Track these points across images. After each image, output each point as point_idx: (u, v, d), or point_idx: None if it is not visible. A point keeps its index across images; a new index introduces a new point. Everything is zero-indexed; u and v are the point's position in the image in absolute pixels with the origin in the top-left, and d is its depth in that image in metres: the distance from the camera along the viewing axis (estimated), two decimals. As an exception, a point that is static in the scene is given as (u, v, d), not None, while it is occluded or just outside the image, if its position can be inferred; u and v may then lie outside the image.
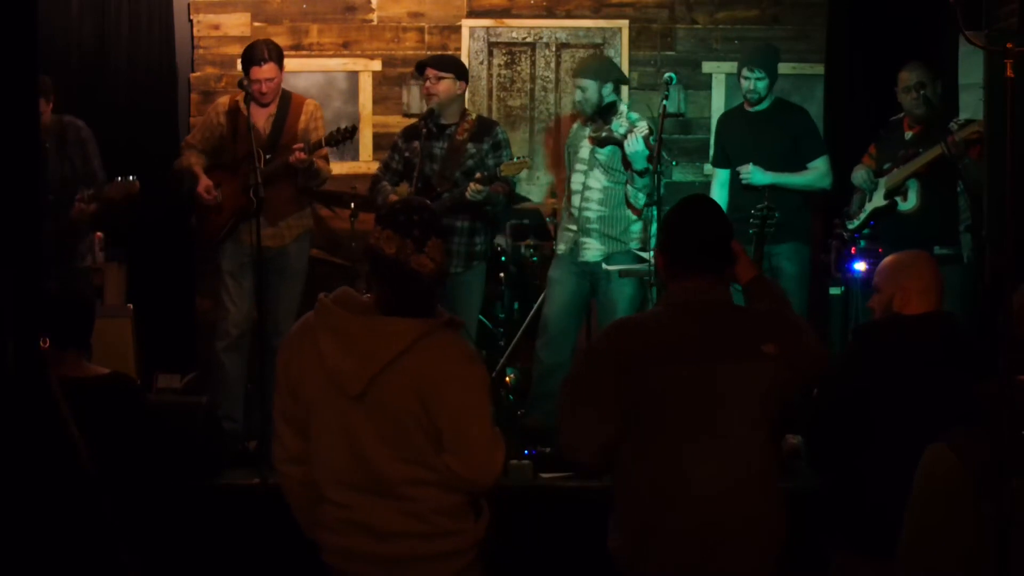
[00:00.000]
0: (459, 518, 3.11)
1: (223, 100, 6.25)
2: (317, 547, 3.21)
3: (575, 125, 6.48)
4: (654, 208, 6.02)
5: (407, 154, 6.26)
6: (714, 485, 3.13)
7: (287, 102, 6.09)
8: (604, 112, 6.09)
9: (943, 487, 2.84)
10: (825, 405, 3.68)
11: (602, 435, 3.18)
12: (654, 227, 6.19)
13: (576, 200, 6.16)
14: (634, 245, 6.11)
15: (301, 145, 5.91)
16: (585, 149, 6.19)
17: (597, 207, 6.11)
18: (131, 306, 6.81)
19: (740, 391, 3.16)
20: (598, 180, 6.11)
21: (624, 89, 6.72)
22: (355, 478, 3.07)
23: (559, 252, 6.22)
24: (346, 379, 3.03)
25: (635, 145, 5.84)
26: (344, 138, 6.03)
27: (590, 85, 6.08)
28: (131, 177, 6.06)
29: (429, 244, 3.08)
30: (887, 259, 3.92)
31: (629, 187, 6.05)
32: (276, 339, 6.01)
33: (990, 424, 2.79)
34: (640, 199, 6.04)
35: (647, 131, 5.91)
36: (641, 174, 5.94)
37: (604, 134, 6.06)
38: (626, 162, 5.98)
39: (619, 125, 6.03)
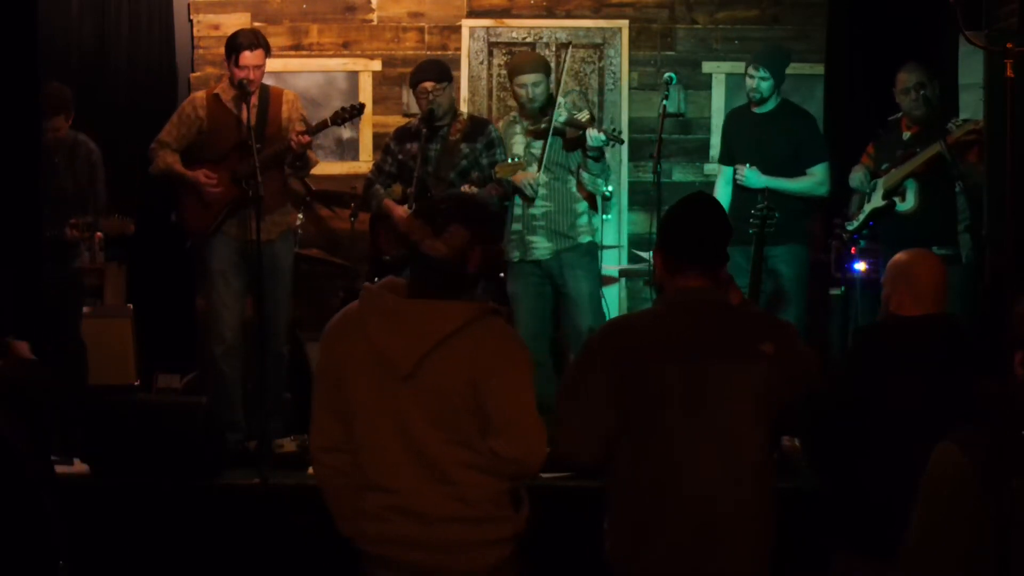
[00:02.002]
0: (502, 506, 3.13)
1: (199, 95, 6.13)
2: (349, 542, 3.19)
3: (501, 123, 6.43)
4: (612, 203, 6.05)
5: (400, 156, 6.23)
6: (709, 484, 3.13)
7: (267, 93, 6.00)
8: (546, 106, 6.09)
9: (952, 486, 2.84)
10: (825, 406, 3.68)
11: (600, 433, 3.19)
12: (598, 217, 6.19)
13: (517, 198, 6.10)
14: (584, 239, 6.09)
15: (303, 128, 5.86)
16: (519, 145, 6.15)
17: (542, 203, 6.06)
18: (131, 306, 6.82)
19: (735, 390, 3.16)
20: (540, 176, 6.07)
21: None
22: (403, 462, 3.08)
23: (513, 260, 6.12)
24: (396, 359, 3.05)
25: (595, 140, 5.86)
26: (351, 116, 5.97)
27: (541, 79, 6.07)
28: (128, 218, 6.05)
29: (449, 229, 3.12)
30: (893, 257, 3.92)
31: (584, 174, 6.01)
32: (276, 339, 5.98)
33: (990, 424, 2.79)
34: (600, 184, 6.02)
35: (587, 116, 5.97)
36: (596, 159, 5.93)
37: (544, 125, 6.04)
38: (572, 147, 5.97)
39: (559, 114, 6.01)
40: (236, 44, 5.85)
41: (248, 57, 5.81)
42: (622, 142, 6.15)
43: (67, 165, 6.05)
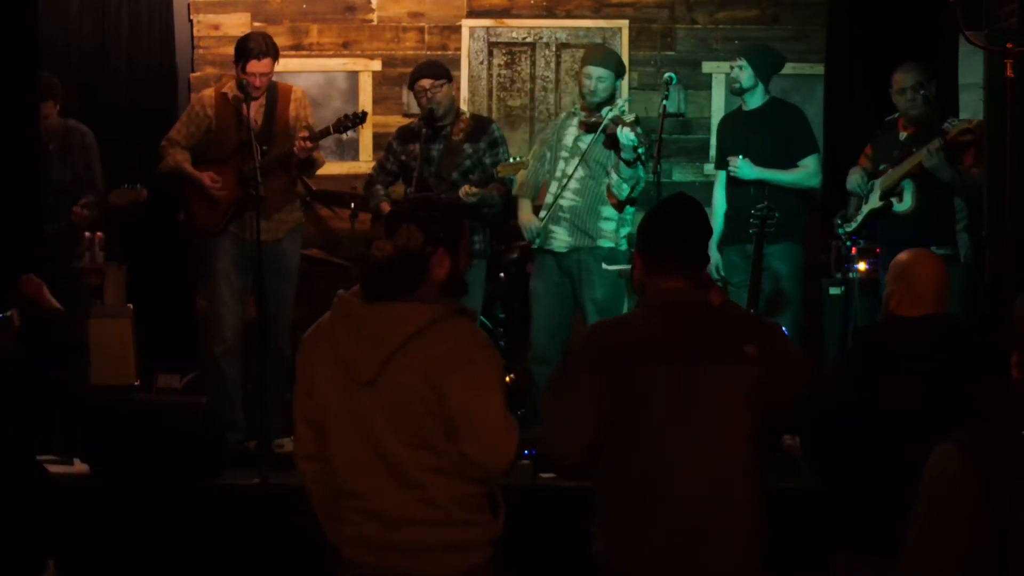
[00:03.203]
0: (474, 510, 3.10)
1: (207, 93, 6.18)
2: (336, 551, 3.19)
3: (563, 115, 6.49)
4: (631, 209, 6.07)
5: (403, 156, 6.25)
6: (697, 485, 3.13)
7: (274, 91, 6.03)
8: (605, 103, 6.11)
9: (951, 487, 2.83)
10: (825, 406, 3.68)
11: (585, 436, 3.18)
12: (626, 229, 6.21)
13: (553, 187, 6.15)
14: (604, 243, 6.10)
15: (306, 134, 5.87)
16: (570, 137, 6.20)
17: (572, 196, 6.11)
18: (131, 306, 6.81)
19: (721, 391, 3.16)
20: (578, 170, 6.11)
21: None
22: (370, 467, 3.06)
23: (534, 247, 6.18)
24: (358, 365, 3.04)
25: (625, 138, 5.87)
26: (354, 123, 5.99)
27: (608, 76, 6.11)
28: (138, 185, 6.03)
29: (400, 230, 3.08)
30: (896, 257, 3.92)
31: (613, 175, 6.04)
32: (273, 339, 5.99)
33: (990, 425, 2.79)
34: (624, 190, 6.04)
35: (632, 118, 6.01)
36: (629, 164, 5.95)
37: (594, 119, 6.07)
38: (612, 147, 6.00)
39: (608, 111, 6.05)
40: (246, 50, 5.88)
41: (255, 65, 5.86)
42: (648, 147, 6.12)
43: (62, 153, 6.03)
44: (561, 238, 6.10)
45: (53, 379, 6.00)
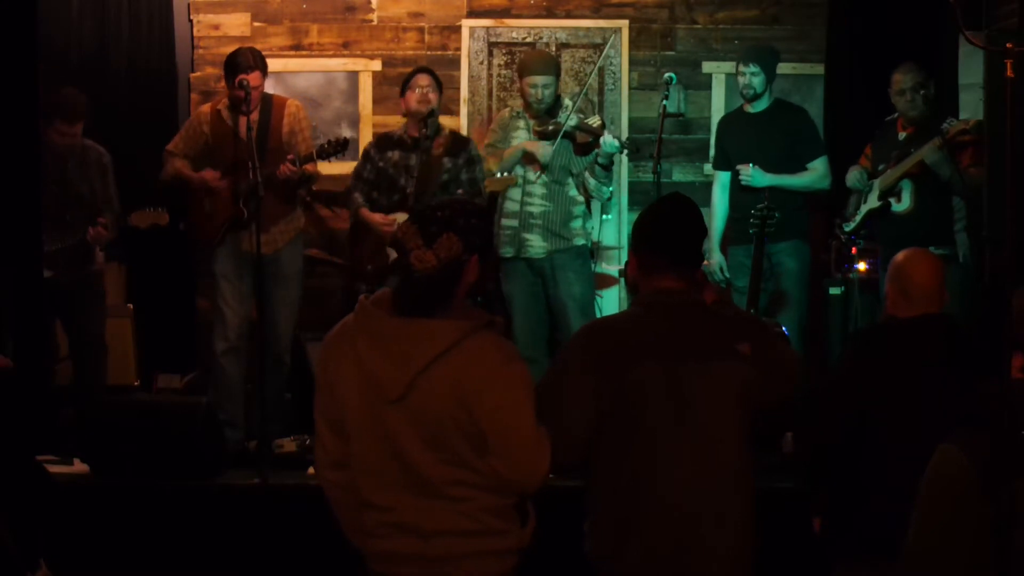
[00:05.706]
0: (507, 519, 3.07)
1: (204, 109, 6.24)
2: (361, 556, 3.14)
3: (506, 115, 6.44)
4: (612, 203, 6.10)
5: (381, 163, 6.27)
6: (688, 484, 3.12)
7: (268, 105, 6.05)
8: (553, 108, 6.12)
9: (953, 487, 2.84)
10: (823, 406, 3.69)
11: (580, 435, 3.17)
12: (591, 222, 6.26)
13: (516, 195, 6.14)
14: (578, 242, 6.13)
15: (289, 165, 5.87)
16: (522, 140, 6.19)
17: (540, 202, 6.11)
18: (131, 306, 6.82)
19: (713, 391, 3.15)
20: (541, 176, 6.11)
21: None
22: (398, 480, 3.01)
23: (506, 256, 6.12)
24: (385, 383, 2.97)
25: (610, 147, 5.88)
26: (336, 151, 5.99)
27: (552, 81, 6.12)
28: (160, 208, 6.03)
29: (440, 240, 2.98)
30: (893, 257, 3.93)
31: (591, 180, 6.05)
32: (277, 345, 6.02)
33: (990, 425, 2.79)
34: (604, 192, 6.09)
35: (598, 122, 6.01)
36: (607, 166, 5.97)
37: (552, 126, 6.06)
38: (582, 152, 6.01)
39: (566, 116, 6.05)
40: (233, 65, 5.93)
41: (244, 79, 5.86)
42: (637, 150, 6.17)
43: (80, 170, 6.04)
44: (537, 244, 6.11)
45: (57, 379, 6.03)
